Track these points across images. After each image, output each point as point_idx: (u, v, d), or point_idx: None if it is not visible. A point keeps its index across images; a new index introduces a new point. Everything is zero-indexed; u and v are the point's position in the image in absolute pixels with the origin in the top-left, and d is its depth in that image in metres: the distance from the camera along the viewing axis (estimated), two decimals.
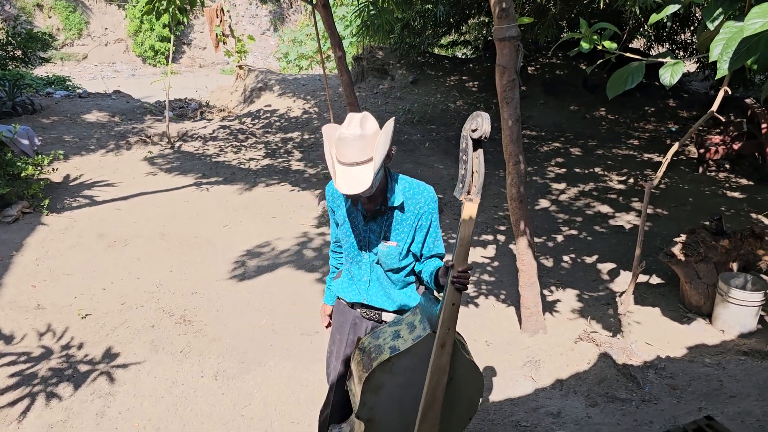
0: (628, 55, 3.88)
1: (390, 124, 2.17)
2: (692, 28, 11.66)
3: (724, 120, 4.06)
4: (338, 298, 2.65)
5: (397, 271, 2.43)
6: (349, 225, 2.41)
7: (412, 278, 2.52)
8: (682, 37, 12.89)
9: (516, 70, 3.82)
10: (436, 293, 2.39)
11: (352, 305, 2.56)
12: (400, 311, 2.49)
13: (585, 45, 3.61)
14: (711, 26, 2.63)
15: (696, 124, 4.04)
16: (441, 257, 2.48)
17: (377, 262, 2.41)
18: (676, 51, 13.88)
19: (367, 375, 2.05)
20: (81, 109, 11.81)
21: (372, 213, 2.35)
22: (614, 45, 3.74)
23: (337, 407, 2.65)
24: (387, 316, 2.49)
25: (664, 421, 3.63)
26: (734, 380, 4.14)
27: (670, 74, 3.73)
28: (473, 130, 2.00)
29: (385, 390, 2.09)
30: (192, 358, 4.28)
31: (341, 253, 2.69)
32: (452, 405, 2.13)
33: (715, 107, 3.91)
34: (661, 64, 3.55)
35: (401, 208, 2.35)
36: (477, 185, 2.05)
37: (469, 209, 2.05)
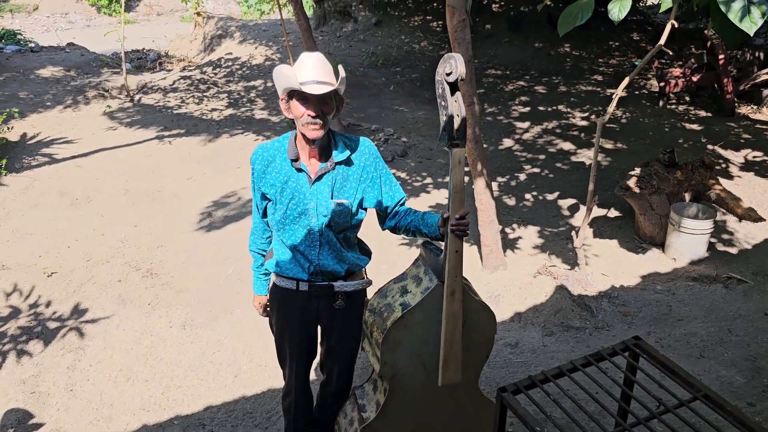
0: None
1: (341, 68, 2.22)
2: None
3: (671, 53, 4.13)
4: (275, 284, 2.49)
5: (348, 229, 2.38)
6: (292, 190, 2.29)
7: (356, 238, 2.50)
8: None
9: (466, 10, 3.82)
10: (436, 243, 2.34)
11: (298, 284, 2.40)
12: (350, 273, 2.43)
13: None
14: None
15: (645, 58, 4.11)
16: (403, 202, 2.46)
17: (328, 225, 2.32)
18: None
19: (383, 335, 2.09)
20: (34, 64, 11.40)
21: (317, 174, 2.27)
22: None
23: (299, 393, 2.63)
24: (339, 285, 2.39)
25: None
26: (682, 305, 4.36)
27: (618, 9, 3.78)
28: (448, 74, 1.96)
29: (404, 345, 2.13)
30: (160, 310, 4.35)
31: (266, 236, 2.53)
32: (469, 347, 2.18)
33: (663, 40, 3.98)
34: None
35: (347, 162, 2.32)
36: (461, 129, 2.02)
37: (458, 155, 2.01)
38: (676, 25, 3.91)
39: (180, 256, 5.12)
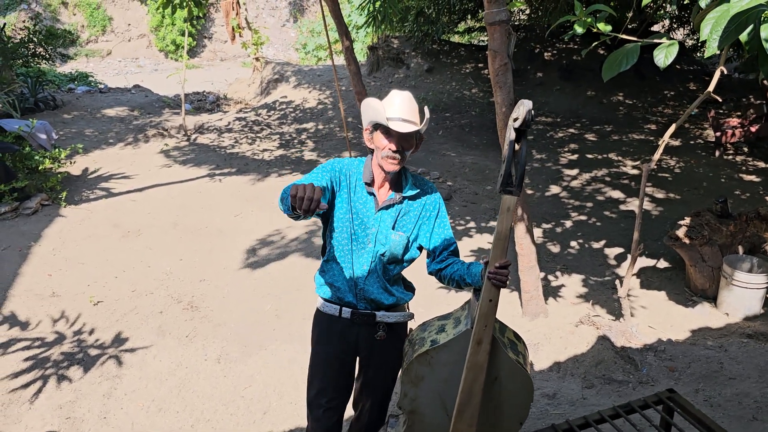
0: (623, 36, 3.86)
1: (427, 110, 2.30)
2: None
3: (720, 100, 4.03)
4: (318, 309, 2.51)
5: (398, 263, 2.39)
6: (358, 211, 2.34)
7: (400, 275, 2.50)
8: None
9: (508, 54, 3.83)
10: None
11: (341, 310, 2.41)
12: (394, 306, 2.44)
13: (578, 28, 3.61)
14: (703, 4, 2.63)
15: (693, 104, 4.02)
16: (454, 249, 2.44)
17: (382, 254, 2.34)
18: (696, 33, 13.56)
19: (405, 366, 2.09)
20: (101, 103, 12.06)
21: (385, 202, 2.33)
22: (609, 27, 3.73)
23: (330, 426, 2.54)
24: (381, 315, 2.40)
25: None
26: (735, 362, 4.12)
27: (664, 55, 3.71)
28: (514, 120, 1.91)
29: (426, 383, 2.09)
30: (197, 343, 4.40)
31: None
32: (499, 405, 2.10)
33: (711, 87, 3.89)
34: (659, 44, 3.53)
35: (413, 197, 2.38)
36: (516, 176, 1.94)
37: (507, 202, 1.94)
38: (725, 72, 3.82)
39: (221, 291, 5.20)
